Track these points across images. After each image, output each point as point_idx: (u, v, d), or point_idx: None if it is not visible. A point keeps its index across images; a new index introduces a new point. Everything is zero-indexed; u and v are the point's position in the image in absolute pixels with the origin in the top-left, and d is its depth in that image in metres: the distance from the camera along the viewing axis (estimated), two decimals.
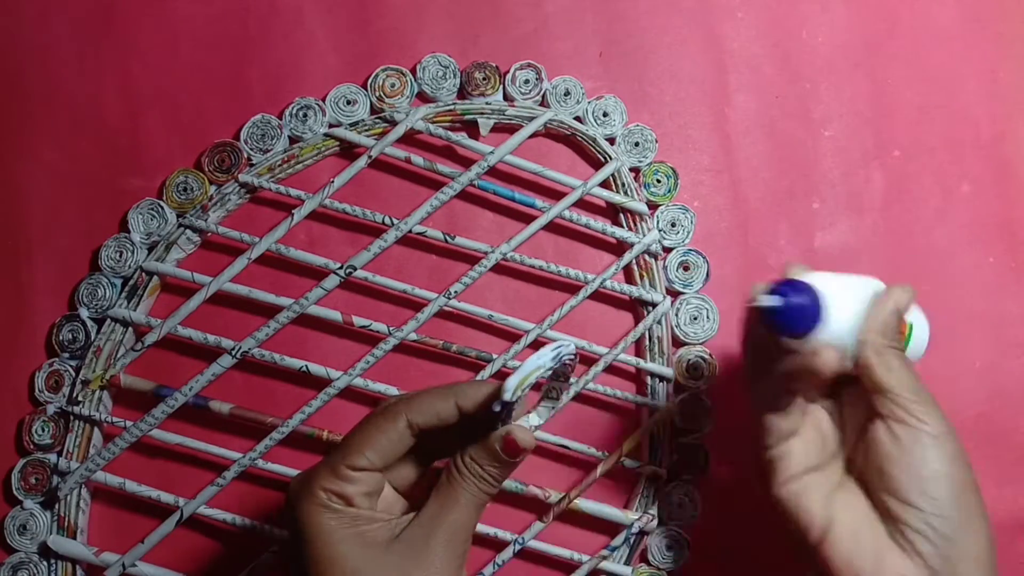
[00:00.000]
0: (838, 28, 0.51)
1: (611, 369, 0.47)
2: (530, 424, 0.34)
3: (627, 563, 0.46)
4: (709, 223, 0.49)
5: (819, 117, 0.50)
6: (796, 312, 0.33)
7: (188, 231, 0.45)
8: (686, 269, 0.47)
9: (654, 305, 0.47)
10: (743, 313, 0.37)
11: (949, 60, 0.51)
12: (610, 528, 0.46)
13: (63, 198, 0.47)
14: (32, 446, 0.44)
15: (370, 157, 0.46)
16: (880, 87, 0.51)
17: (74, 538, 0.43)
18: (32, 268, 0.47)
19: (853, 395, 0.37)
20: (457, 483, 0.32)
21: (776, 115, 0.50)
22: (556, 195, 0.47)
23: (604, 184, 0.47)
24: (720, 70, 0.50)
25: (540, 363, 0.31)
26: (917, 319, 0.38)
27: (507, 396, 0.30)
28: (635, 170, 0.48)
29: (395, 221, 0.45)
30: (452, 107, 0.47)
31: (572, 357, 0.33)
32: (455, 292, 0.45)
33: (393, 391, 0.45)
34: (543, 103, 0.47)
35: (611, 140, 0.48)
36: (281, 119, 0.46)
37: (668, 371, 0.46)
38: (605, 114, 0.47)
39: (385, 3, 0.49)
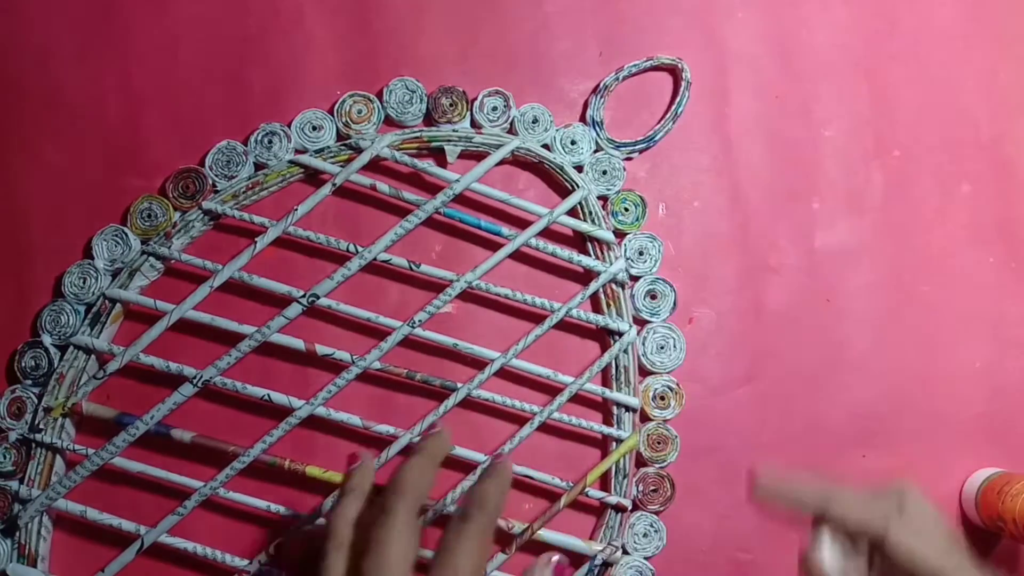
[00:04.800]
0: (838, 28, 0.51)
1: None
2: None
3: None
4: (709, 223, 0.49)
5: (819, 117, 0.50)
6: None
7: (151, 258, 0.45)
8: (653, 298, 0.47)
9: (621, 334, 0.46)
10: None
11: (949, 60, 0.51)
12: (574, 559, 0.46)
13: (63, 198, 0.47)
14: None
15: (334, 185, 0.45)
16: (880, 87, 0.51)
17: (35, 566, 0.43)
18: None
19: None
20: None
21: (776, 115, 0.50)
22: (523, 223, 0.47)
23: (572, 212, 0.47)
24: (720, 70, 0.50)
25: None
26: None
27: None
28: (603, 198, 0.47)
29: (360, 249, 0.45)
30: (419, 134, 0.46)
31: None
32: (419, 320, 0.45)
33: (356, 420, 0.45)
34: (511, 130, 0.47)
35: (579, 168, 0.47)
36: (246, 145, 0.46)
37: (634, 401, 0.46)
38: (573, 142, 0.47)
39: (385, 3, 0.49)
